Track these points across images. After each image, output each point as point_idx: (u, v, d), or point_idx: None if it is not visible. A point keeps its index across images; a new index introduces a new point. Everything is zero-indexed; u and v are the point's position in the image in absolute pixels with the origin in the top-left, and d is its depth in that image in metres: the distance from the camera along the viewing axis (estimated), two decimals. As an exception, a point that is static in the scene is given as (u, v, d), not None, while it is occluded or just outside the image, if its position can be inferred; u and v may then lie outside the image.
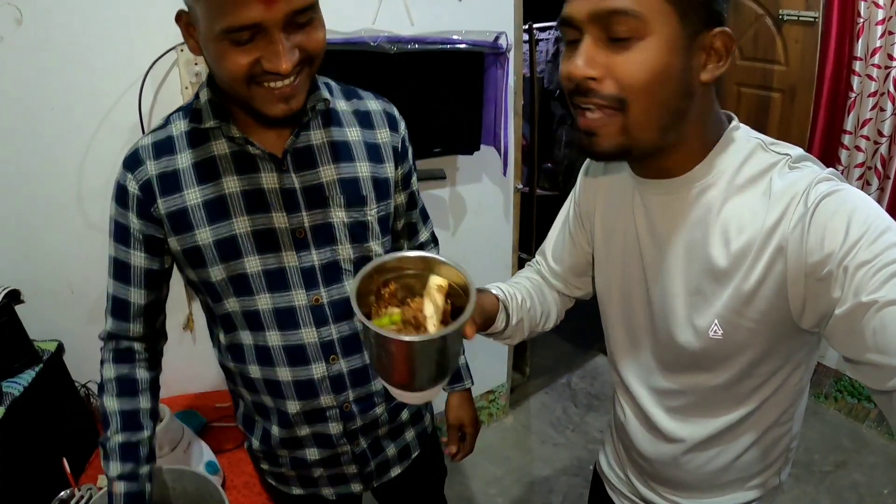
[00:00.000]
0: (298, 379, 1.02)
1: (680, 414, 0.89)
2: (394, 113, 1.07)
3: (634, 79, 0.65)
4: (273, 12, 0.75)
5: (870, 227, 0.60)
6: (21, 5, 1.35)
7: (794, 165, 0.70)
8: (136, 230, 0.94)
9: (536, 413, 2.82)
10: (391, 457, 1.18)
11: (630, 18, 0.63)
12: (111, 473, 0.97)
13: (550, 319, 1.06)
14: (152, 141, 0.93)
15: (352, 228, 0.99)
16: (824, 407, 2.68)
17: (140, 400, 1.01)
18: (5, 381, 1.30)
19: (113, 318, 1.00)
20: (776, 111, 2.34)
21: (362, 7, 1.73)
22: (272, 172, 0.93)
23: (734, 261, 0.71)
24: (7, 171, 1.46)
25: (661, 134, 0.70)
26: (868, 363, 0.59)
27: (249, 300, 0.97)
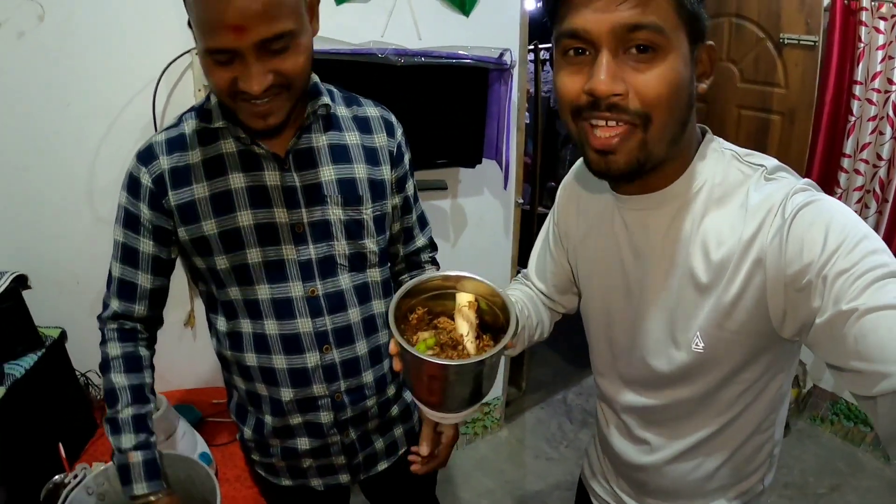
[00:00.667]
0: (293, 367, 1.06)
1: (662, 425, 0.89)
2: (391, 119, 1.12)
3: (659, 94, 0.64)
4: (243, 41, 0.80)
5: (847, 236, 0.61)
6: (44, 2, 1.39)
7: (770, 177, 0.70)
8: (146, 220, 0.99)
9: (531, 427, 2.82)
10: (379, 451, 1.22)
11: (654, 33, 0.62)
12: (125, 445, 1.00)
13: (545, 330, 1.07)
14: (166, 138, 0.99)
15: (348, 225, 1.05)
16: (820, 430, 2.67)
17: (145, 375, 1.06)
18: (8, 363, 1.33)
19: (119, 299, 1.04)
20: (776, 134, 2.37)
21: (372, 20, 1.78)
22: (275, 171, 0.99)
23: (714, 274, 0.72)
24: (22, 164, 1.50)
25: (671, 146, 0.70)
26: (852, 370, 0.59)
27: (250, 289, 1.03)
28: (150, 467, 1.01)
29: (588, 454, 1.15)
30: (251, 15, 0.78)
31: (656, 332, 0.81)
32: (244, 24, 0.79)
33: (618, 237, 0.84)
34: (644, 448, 0.93)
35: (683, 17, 0.64)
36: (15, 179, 1.50)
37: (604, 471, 1.07)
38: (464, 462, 2.59)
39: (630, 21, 0.62)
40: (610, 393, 0.96)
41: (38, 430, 1.34)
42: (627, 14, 0.62)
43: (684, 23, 0.64)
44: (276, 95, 0.87)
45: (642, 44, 0.63)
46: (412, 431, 1.28)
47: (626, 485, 1.01)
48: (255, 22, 0.79)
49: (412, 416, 1.28)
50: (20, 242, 1.54)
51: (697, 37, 0.66)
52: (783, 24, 2.22)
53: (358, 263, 1.09)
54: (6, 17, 1.38)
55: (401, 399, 1.24)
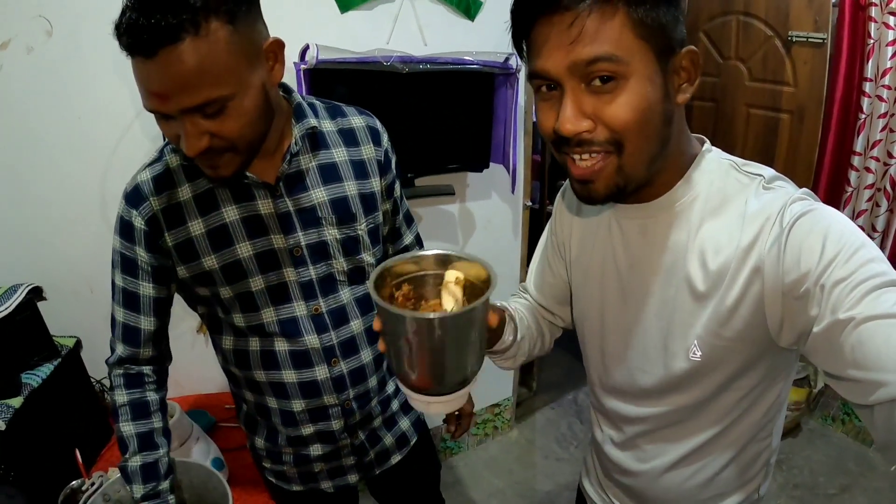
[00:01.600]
0: (303, 381, 1.09)
1: (657, 433, 0.89)
2: (376, 126, 1.13)
3: (627, 122, 0.65)
4: (167, 107, 0.80)
5: (845, 245, 0.61)
6: (52, 18, 1.41)
7: (768, 186, 0.71)
8: (145, 262, 1.00)
9: (541, 428, 2.83)
10: (389, 445, 1.26)
11: (611, 63, 0.62)
12: (136, 495, 1.02)
13: (545, 343, 1.07)
14: (151, 175, 0.98)
15: (344, 243, 1.07)
16: (831, 429, 2.66)
17: (153, 421, 1.06)
18: (25, 373, 1.35)
19: (124, 343, 1.05)
20: (785, 132, 2.35)
21: (377, 27, 1.78)
22: (267, 199, 1.00)
23: (712, 282, 0.72)
24: (35, 177, 1.52)
25: (651, 164, 0.70)
26: (849, 379, 0.60)
27: (255, 314, 1.04)
28: None
29: (585, 461, 1.15)
30: (172, 84, 0.77)
31: (652, 340, 0.81)
32: (166, 93, 0.78)
33: (614, 245, 0.84)
34: (639, 456, 0.93)
35: (645, 36, 0.63)
36: (28, 191, 1.52)
37: (598, 478, 1.07)
38: (474, 462, 2.60)
39: (586, 56, 0.62)
40: (604, 401, 0.96)
41: (54, 437, 1.36)
42: (581, 50, 0.62)
43: (648, 41, 0.63)
44: (218, 154, 0.86)
45: (602, 74, 0.63)
46: (418, 421, 1.33)
47: (620, 493, 1.01)
48: (176, 90, 0.78)
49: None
50: (34, 253, 1.57)
51: (669, 49, 0.65)
52: (791, 22, 2.20)
53: (357, 277, 1.11)
54: (15, 34, 1.40)
55: (400, 393, 1.28)
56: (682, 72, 0.68)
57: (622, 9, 0.62)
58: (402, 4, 1.79)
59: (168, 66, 0.76)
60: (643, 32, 0.63)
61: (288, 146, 0.99)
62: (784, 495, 2.31)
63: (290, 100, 1.02)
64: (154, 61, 0.75)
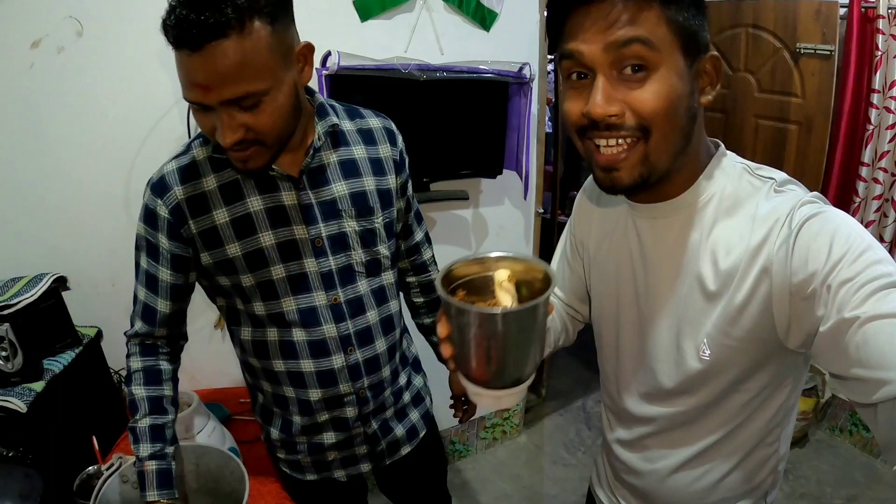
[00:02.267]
0: (321, 369, 1.12)
1: (665, 434, 0.89)
2: (392, 128, 1.18)
3: (655, 109, 0.66)
4: (209, 98, 0.84)
5: (852, 246, 0.62)
6: (82, 19, 1.45)
7: (779, 189, 0.71)
8: (165, 250, 1.03)
9: (550, 434, 2.82)
10: (400, 437, 1.28)
11: (644, 47, 0.64)
12: (142, 454, 1.05)
13: (569, 335, 1.08)
14: (177, 166, 1.02)
15: (362, 235, 1.10)
16: (839, 440, 2.63)
17: (164, 388, 1.10)
18: (47, 359, 1.38)
19: (142, 321, 1.09)
20: (793, 143, 2.36)
21: (396, 36, 1.82)
22: (291, 191, 1.03)
23: (722, 281, 0.73)
24: (63, 172, 1.55)
25: (675, 158, 0.71)
26: (853, 378, 0.60)
27: (275, 303, 1.07)
28: (163, 477, 1.06)
29: (596, 462, 1.16)
30: (215, 77, 0.82)
31: (664, 339, 0.82)
32: (209, 84, 0.82)
33: (630, 244, 0.85)
34: (647, 456, 0.93)
35: (675, 32, 0.65)
36: (55, 186, 1.55)
37: (608, 479, 1.07)
38: (482, 466, 2.60)
39: (622, 37, 0.64)
40: (615, 399, 0.96)
41: (73, 423, 1.38)
42: (619, 31, 0.64)
43: (677, 37, 0.65)
44: (249, 147, 0.90)
45: (635, 62, 0.65)
46: (427, 414, 1.36)
47: (628, 493, 1.01)
48: (218, 83, 0.82)
49: (423, 399, 1.35)
50: (60, 245, 1.59)
51: (696, 50, 0.67)
52: (799, 34, 2.22)
53: (373, 269, 1.14)
54: (46, 33, 1.43)
55: (411, 385, 1.31)
56: (705, 75, 0.70)
57: (657, 3, 0.64)
58: (419, 14, 1.83)
59: (212, 59, 0.80)
60: (675, 28, 0.65)
61: (311, 142, 1.03)
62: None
63: (312, 101, 1.06)
64: (199, 55, 0.80)
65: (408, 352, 1.33)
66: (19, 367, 1.28)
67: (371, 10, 1.75)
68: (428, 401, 1.38)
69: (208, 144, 1.02)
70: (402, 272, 1.33)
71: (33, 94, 1.46)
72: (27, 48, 1.42)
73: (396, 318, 1.22)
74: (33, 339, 1.32)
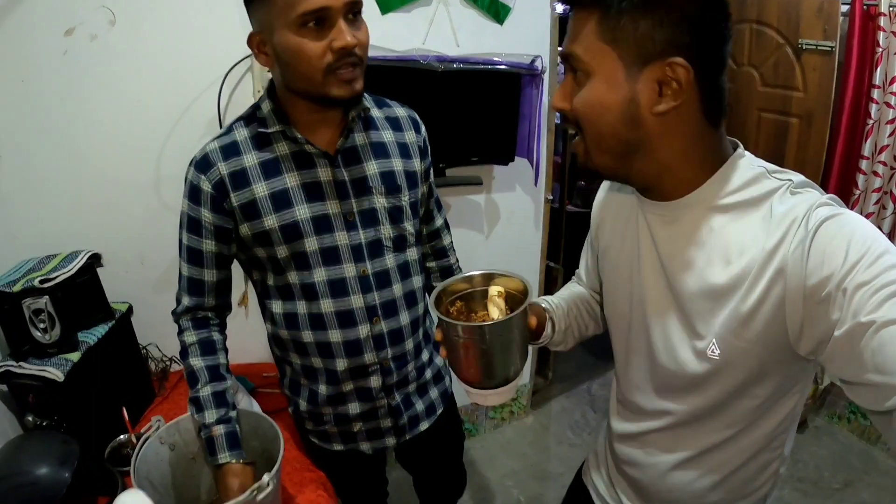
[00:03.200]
0: (347, 339, 1.14)
1: (671, 431, 0.87)
2: (416, 117, 1.23)
3: (580, 112, 0.71)
4: (337, 0, 0.91)
5: (868, 250, 0.60)
6: (114, 8, 1.47)
7: (796, 191, 0.69)
8: (208, 222, 1.07)
9: (556, 415, 2.84)
10: (420, 412, 1.30)
11: (578, 61, 0.70)
12: (209, 420, 1.08)
13: (600, 324, 1.09)
14: (219, 145, 1.06)
15: (391, 212, 1.14)
16: (837, 427, 2.63)
17: (219, 357, 1.15)
18: (82, 332, 1.40)
19: (189, 294, 1.13)
20: (794, 135, 2.36)
21: (414, 28, 1.84)
22: (327, 167, 1.08)
23: (734, 281, 0.70)
24: (97, 154, 1.57)
25: (617, 159, 0.73)
26: (867, 384, 0.58)
27: (307, 273, 1.10)
28: (231, 439, 1.09)
29: (596, 451, 1.13)
30: None
31: (673, 337, 0.80)
32: None
33: (641, 240, 0.83)
34: (649, 450, 0.92)
35: (610, 42, 0.67)
36: (88, 168, 1.57)
37: (608, 471, 1.05)
38: (491, 444, 2.62)
39: (563, 50, 0.72)
40: (625, 391, 0.95)
41: (105, 394, 1.40)
42: (565, 45, 0.72)
43: (613, 47, 0.67)
44: (357, 65, 0.97)
45: (575, 69, 0.71)
46: (446, 393, 1.38)
47: (627, 487, 1.00)
48: None
49: (444, 378, 1.37)
50: (95, 223, 1.61)
51: (641, 58, 0.66)
52: (802, 30, 2.22)
53: (400, 244, 1.18)
54: (80, 21, 1.44)
55: (433, 363, 1.33)
56: (672, 81, 0.66)
57: (596, 14, 0.67)
58: (437, 8, 1.84)
59: None
60: (609, 38, 0.67)
61: (346, 124, 1.08)
62: (788, 487, 2.30)
63: None
64: None
65: (430, 330, 1.35)
66: (56, 339, 1.30)
67: (391, 3, 1.78)
68: (447, 380, 1.39)
69: (250, 125, 1.07)
70: (423, 257, 1.35)
71: (67, 80, 1.48)
72: (61, 36, 1.44)
73: (419, 294, 1.24)
74: (70, 313, 1.33)
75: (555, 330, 1.01)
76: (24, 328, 1.28)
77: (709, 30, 0.66)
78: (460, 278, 0.89)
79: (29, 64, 1.43)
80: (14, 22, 1.38)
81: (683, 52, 0.65)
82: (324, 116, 1.06)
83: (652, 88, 0.67)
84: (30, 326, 1.28)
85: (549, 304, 1.04)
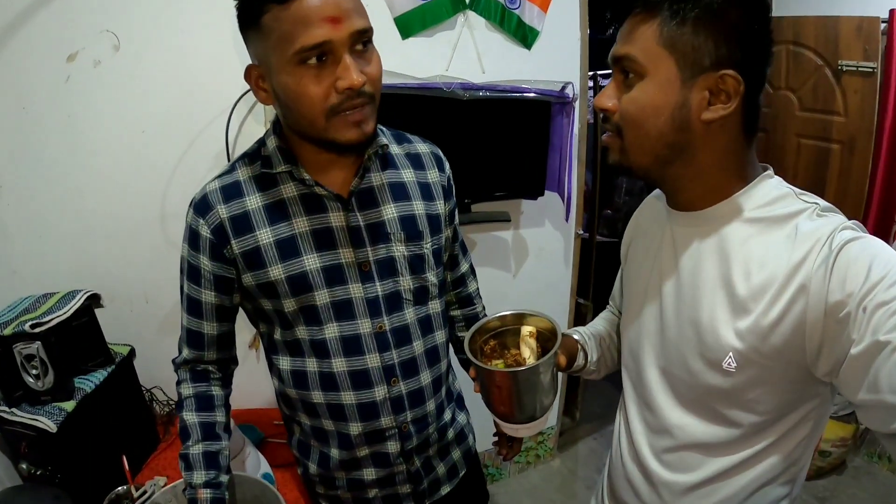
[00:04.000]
0: (362, 402, 1.03)
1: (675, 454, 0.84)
2: (440, 154, 1.11)
3: (628, 113, 0.73)
4: (339, 31, 0.79)
5: (890, 271, 0.60)
6: (119, 32, 1.39)
7: (822, 213, 0.70)
8: (207, 271, 0.96)
9: (584, 458, 2.67)
10: (441, 475, 1.18)
11: (631, 62, 0.71)
12: (196, 481, 0.98)
13: None
14: (220, 185, 0.95)
15: (411, 261, 1.02)
16: (877, 467, 2.46)
17: (216, 414, 1.04)
18: (79, 378, 1.32)
19: (189, 347, 1.03)
20: (835, 163, 2.21)
21: (436, 54, 1.74)
22: (339, 211, 0.96)
23: (754, 295, 0.70)
24: (98, 189, 1.49)
25: (658, 161, 0.75)
26: (880, 405, 0.58)
27: (318, 329, 0.99)
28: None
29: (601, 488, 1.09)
30: (343, 8, 0.80)
31: (687, 348, 0.79)
32: (338, 16, 0.79)
33: (663, 253, 0.84)
34: (654, 478, 0.88)
35: (669, 48, 0.68)
36: (89, 201, 1.49)
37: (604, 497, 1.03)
38: (515, 490, 2.46)
39: (618, 52, 0.73)
40: (629, 409, 0.93)
41: (103, 442, 1.33)
42: (619, 47, 0.73)
43: (671, 52, 0.68)
44: (365, 104, 0.85)
45: (626, 70, 0.72)
46: (469, 453, 1.26)
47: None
48: (346, 14, 0.80)
49: (466, 437, 1.25)
50: (95, 262, 1.53)
51: (698, 65, 0.68)
52: (841, 51, 2.10)
53: (421, 297, 1.06)
54: (83, 46, 1.37)
55: (455, 422, 1.21)
56: (721, 92, 0.69)
57: (659, 18, 0.69)
58: (461, 32, 1.74)
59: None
60: (668, 42, 0.68)
61: (361, 162, 0.97)
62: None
63: None
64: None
65: (452, 387, 1.22)
66: (50, 386, 1.22)
67: (412, 27, 1.67)
68: (471, 438, 1.26)
69: (254, 164, 0.96)
70: (447, 305, 1.23)
71: (69, 107, 1.41)
72: (63, 61, 1.37)
73: (442, 350, 1.12)
74: (65, 358, 1.26)
75: (587, 360, 1.03)
76: (17, 373, 1.20)
77: (759, 49, 0.70)
78: (494, 317, 0.92)
79: (30, 91, 1.37)
80: (15, 45, 1.32)
81: (735, 66, 0.68)
82: (335, 156, 0.94)
83: (702, 96, 0.70)
84: (22, 372, 1.20)
85: (582, 336, 1.05)
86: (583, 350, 1.02)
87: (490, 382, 0.84)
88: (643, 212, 0.97)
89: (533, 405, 0.84)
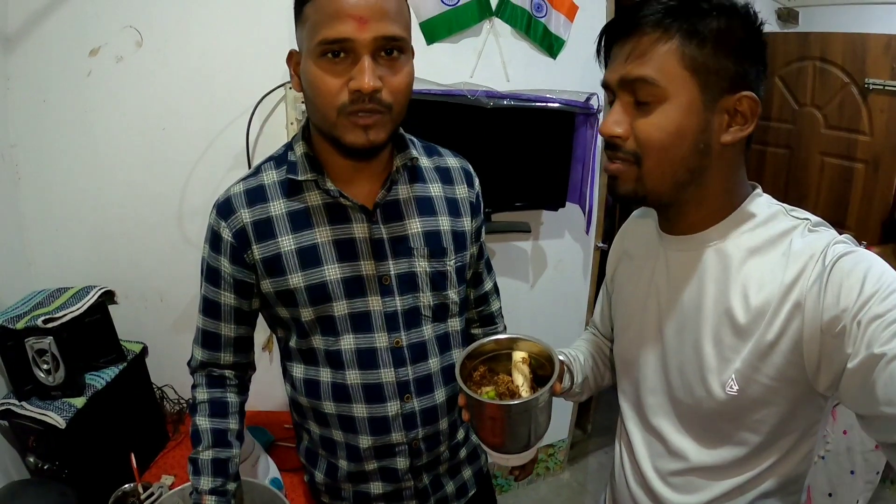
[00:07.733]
0: (373, 416, 0.98)
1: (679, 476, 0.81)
2: (469, 169, 1.06)
3: (651, 139, 0.67)
4: (363, 32, 0.75)
5: (883, 284, 0.59)
6: (142, 28, 1.34)
7: (813, 229, 0.69)
8: (227, 274, 0.93)
9: (594, 472, 2.55)
10: (450, 494, 1.12)
11: (650, 85, 0.65)
12: (203, 487, 0.95)
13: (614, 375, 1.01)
14: (244, 188, 0.92)
15: (433, 277, 0.97)
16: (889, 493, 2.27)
17: (229, 421, 1.00)
18: (90, 374, 1.27)
19: (204, 348, 0.99)
20: (859, 182, 2.08)
21: (461, 61, 1.66)
22: (363, 223, 0.92)
23: (754, 316, 0.68)
24: (117, 185, 1.43)
25: (676, 187, 0.70)
26: (880, 417, 0.57)
27: (334, 340, 0.94)
28: None
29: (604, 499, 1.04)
30: (375, 9, 0.75)
31: (689, 372, 0.76)
32: (366, 16, 0.75)
33: (656, 279, 0.81)
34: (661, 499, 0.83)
35: (691, 69, 0.64)
36: (107, 197, 1.43)
37: None
38: (524, 502, 2.36)
39: (632, 75, 0.66)
40: (631, 433, 0.89)
41: (112, 439, 1.28)
42: (631, 69, 0.66)
43: (693, 73, 0.64)
44: (378, 112, 0.80)
45: (641, 94, 0.66)
46: (480, 472, 1.18)
47: None
48: (377, 16, 0.76)
49: (479, 457, 1.18)
50: (111, 257, 1.47)
51: (719, 87, 0.65)
52: (868, 68, 1.97)
53: (441, 314, 1.00)
54: (105, 42, 1.32)
55: (469, 441, 1.14)
56: (737, 114, 0.67)
57: (676, 39, 0.64)
58: (486, 39, 1.67)
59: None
60: (689, 64, 0.64)
61: (389, 174, 0.92)
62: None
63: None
64: None
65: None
66: (60, 382, 1.17)
67: (437, 33, 1.60)
68: (483, 458, 1.18)
69: (280, 168, 0.92)
70: (468, 323, 1.16)
71: (90, 102, 1.35)
72: (85, 56, 1.31)
73: None
74: (76, 354, 1.21)
75: (573, 383, 0.97)
76: (28, 367, 1.16)
77: (762, 67, 0.68)
78: (487, 341, 0.84)
79: (52, 84, 1.30)
80: (38, 38, 1.26)
81: (749, 87, 0.66)
82: (362, 164, 0.90)
83: (722, 118, 0.67)
84: (33, 367, 1.16)
85: (567, 357, 0.99)
86: (569, 371, 0.97)
87: (481, 413, 0.76)
88: (627, 234, 0.93)
89: (526, 436, 0.77)
